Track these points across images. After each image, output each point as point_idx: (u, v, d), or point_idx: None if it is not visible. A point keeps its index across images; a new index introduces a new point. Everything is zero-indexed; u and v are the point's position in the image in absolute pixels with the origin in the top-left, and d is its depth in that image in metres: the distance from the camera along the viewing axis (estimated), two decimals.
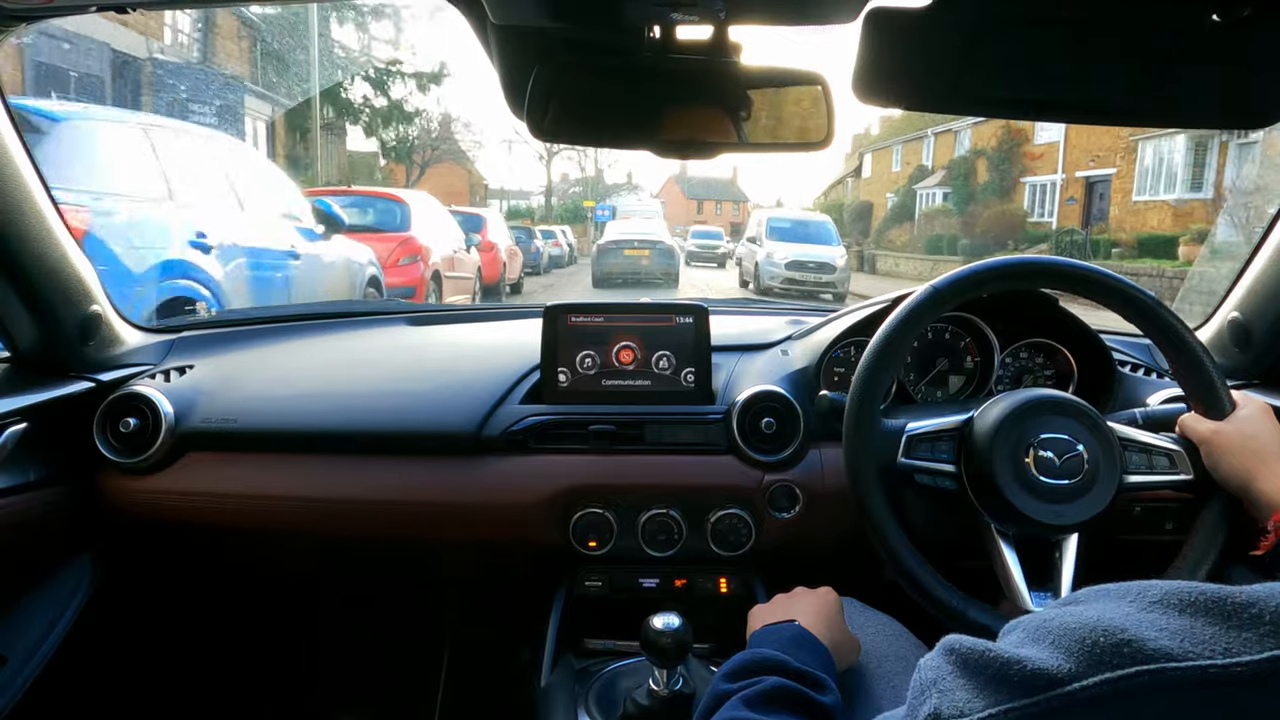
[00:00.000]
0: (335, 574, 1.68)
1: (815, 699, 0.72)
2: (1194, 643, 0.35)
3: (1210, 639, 0.35)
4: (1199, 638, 0.36)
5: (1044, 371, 1.36)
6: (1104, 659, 0.36)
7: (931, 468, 1.02)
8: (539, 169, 57.17)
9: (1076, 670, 0.36)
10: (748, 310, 1.82)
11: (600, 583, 1.31)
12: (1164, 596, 0.38)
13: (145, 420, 1.28)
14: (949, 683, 0.41)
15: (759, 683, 0.72)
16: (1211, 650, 0.35)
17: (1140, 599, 0.39)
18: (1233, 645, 0.35)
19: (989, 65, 0.76)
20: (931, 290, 1.04)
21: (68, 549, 1.31)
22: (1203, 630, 0.36)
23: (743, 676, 0.74)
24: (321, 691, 1.81)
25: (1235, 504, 0.94)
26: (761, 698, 0.71)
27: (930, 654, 0.44)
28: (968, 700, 0.39)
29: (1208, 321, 1.42)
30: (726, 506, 1.25)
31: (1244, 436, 0.93)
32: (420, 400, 1.32)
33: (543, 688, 1.22)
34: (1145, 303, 1.00)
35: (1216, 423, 0.96)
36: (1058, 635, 0.38)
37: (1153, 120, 0.88)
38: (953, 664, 0.41)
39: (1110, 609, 0.39)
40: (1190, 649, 0.35)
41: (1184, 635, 0.36)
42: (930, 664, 0.43)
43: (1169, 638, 0.36)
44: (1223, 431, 0.95)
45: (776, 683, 0.72)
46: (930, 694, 0.41)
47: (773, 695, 0.71)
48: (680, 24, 0.82)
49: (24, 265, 1.16)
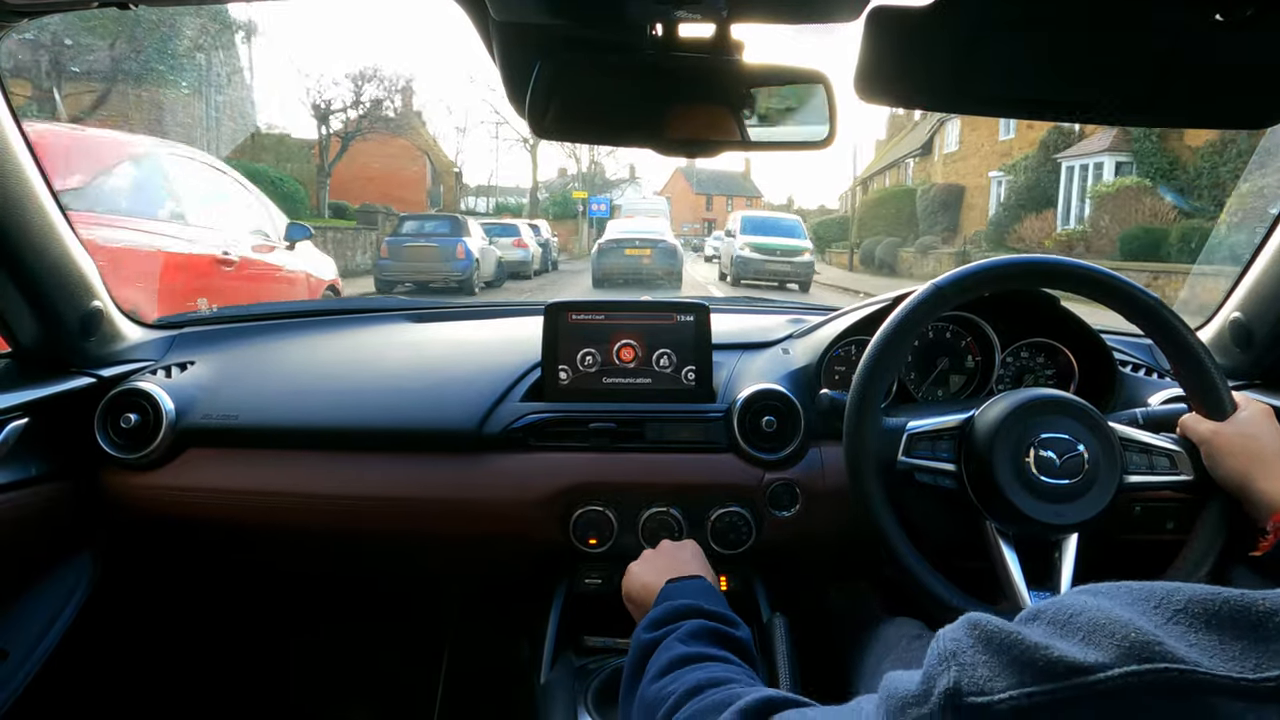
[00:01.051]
0: (335, 571, 1.68)
1: (732, 634, 0.79)
2: (1224, 658, 0.35)
3: (1240, 653, 0.35)
4: (1228, 653, 0.36)
5: (1045, 371, 1.36)
6: (1132, 652, 0.36)
7: (932, 466, 1.02)
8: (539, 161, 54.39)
9: (1103, 661, 0.36)
10: (749, 309, 1.82)
11: (600, 580, 1.31)
12: (1188, 605, 0.38)
13: (146, 416, 1.28)
14: (970, 657, 0.40)
15: (681, 626, 0.79)
16: (1242, 666, 0.35)
17: (1164, 607, 0.39)
18: (1263, 660, 0.35)
19: (991, 64, 0.76)
20: (934, 289, 1.04)
21: (69, 544, 1.31)
22: (1231, 645, 0.36)
23: (664, 624, 0.80)
24: (321, 688, 1.81)
25: (1235, 505, 0.94)
26: (689, 635, 0.77)
27: (951, 626, 0.43)
28: (989, 679, 0.38)
29: (1209, 321, 1.42)
30: (727, 505, 1.25)
31: (1244, 438, 0.93)
32: (421, 397, 1.32)
33: (542, 685, 1.22)
34: (1147, 304, 1.00)
35: (1217, 424, 0.96)
36: (1087, 630, 0.38)
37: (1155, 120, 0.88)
38: (975, 639, 0.41)
39: (1136, 614, 0.38)
40: (1220, 664, 0.35)
41: (1212, 650, 0.36)
42: (951, 635, 0.42)
43: (1199, 652, 0.36)
44: (1223, 432, 0.95)
45: (699, 623, 0.79)
46: (950, 666, 0.40)
47: (698, 633, 0.77)
48: (683, 22, 0.82)
49: (25, 260, 1.16)
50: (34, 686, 1.20)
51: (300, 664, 1.80)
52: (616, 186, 40.20)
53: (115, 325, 1.40)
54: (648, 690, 0.70)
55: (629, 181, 42.37)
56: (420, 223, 13.37)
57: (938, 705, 0.39)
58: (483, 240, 13.43)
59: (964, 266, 1.06)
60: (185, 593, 1.62)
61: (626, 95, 0.89)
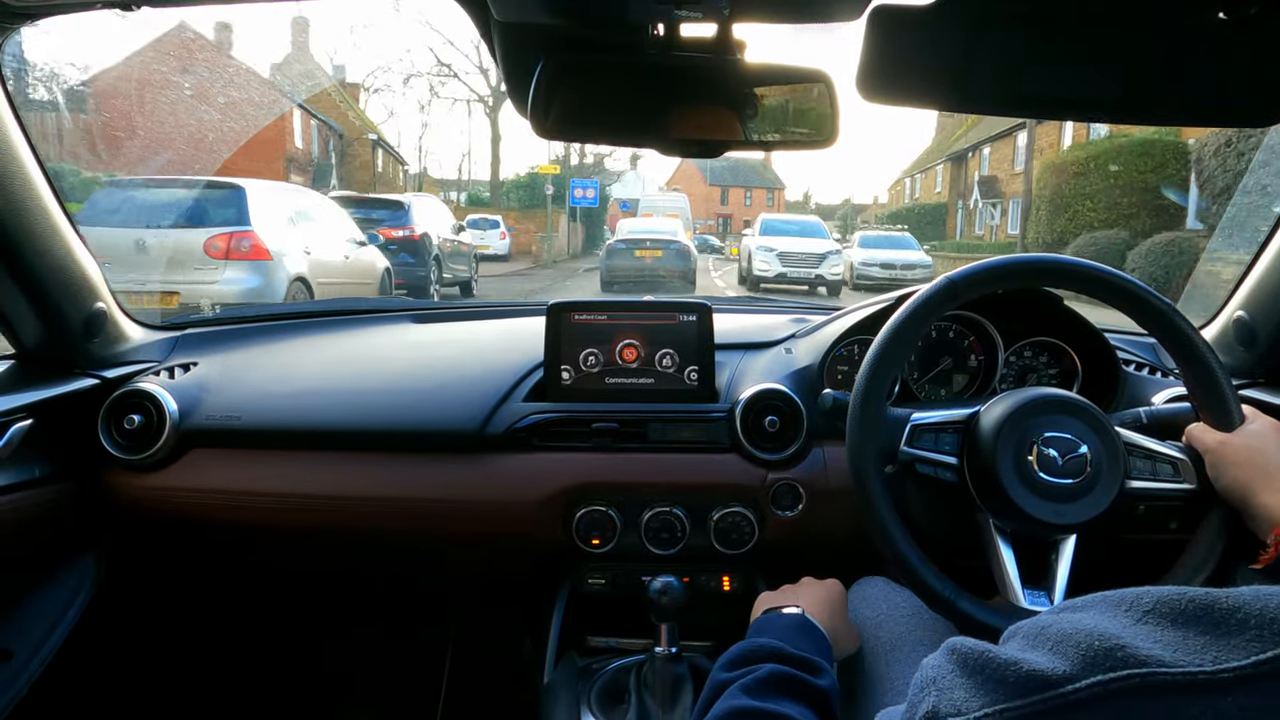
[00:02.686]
0: (338, 571, 1.68)
1: (810, 683, 0.74)
2: (1186, 652, 0.37)
3: (1201, 648, 0.37)
4: (1191, 647, 0.37)
5: (1048, 370, 1.36)
6: (1097, 662, 0.37)
7: (934, 458, 1.01)
8: (539, 148, 43.29)
9: (1070, 673, 0.38)
10: (751, 308, 1.82)
11: (603, 580, 1.32)
12: (1156, 605, 0.40)
13: (149, 417, 1.28)
14: (948, 681, 0.42)
15: (756, 670, 0.74)
16: (1201, 659, 0.36)
17: (1134, 609, 0.40)
18: (1221, 653, 0.36)
19: (993, 63, 0.76)
20: (947, 283, 1.03)
21: (73, 545, 1.31)
22: (1195, 640, 0.37)
23: (740, 665, 0.76)
24: (323, 687, 1.82)
25: (1235, 517, 0.94)
26: (758, 684, 0.72)
27: (934, 654, 0.45)
28: (965, 700, 0.40)
29: (1213, 320, 1.42)
30: (730, 504, 1.25)
31: (1250, 450, 0.93)
32: (423, 398, 1.32)
33: (545, 685, 1.22)
34: (1160, 309, 0.99)
35: (1224, 434, 0.96)
36: (1055, 641, 0.40)
37: (1159, 118, 0.87)
38: (954, 664, 0.43)
39: (1106, 619, 0.40)
40: (1182, 658, 0.37)
41: (1176, 645, 0.37)
42: (932, 663, 0.44)
43: (1162, 648, 0.37)
44: (1230, 443, 0.94)
45: (772, 669, 0.74)
46: (930, 692, 0.42)
47: (768, 682, 0.73)
48: (684, 21, 0.82)
49: (29, 262, 1.16)
50: (38, 687, 1.20)
51: (303, 664, 1.80)
52: (618, 178, 36.32)
53: (119, 326, 1.40)
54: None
55: (630, 173, 38.66)
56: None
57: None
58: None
59: (979, 262, 1.06)
60: (189, 593, 1.63)
61: (629, 95, 0.89)
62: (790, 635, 0.82)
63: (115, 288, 1.36)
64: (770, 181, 52.75)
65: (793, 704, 0.71)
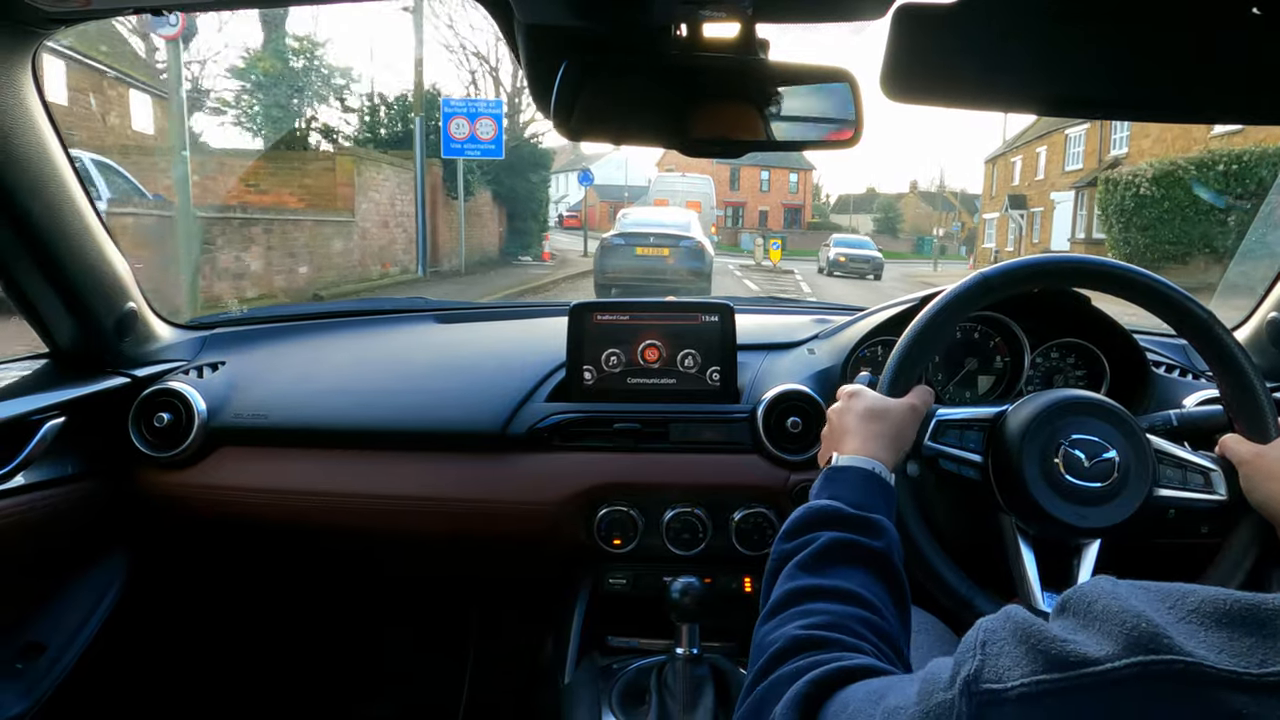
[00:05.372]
0: (362, 569, 1.70)
1: (868, 546, 0.72)
2: (1231, 653, 0.37)
3: (1247, 650, 0.37)
4: (1236, 649, 0.37)
5: (1075, 372, 1.34)
6: (1141, 643, 0.38)
7: (958, 455, 1.00)
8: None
9: (1112, 652, 0.38)
10: (774, 309, 1.81)
11: (624, 581, 1.32)
12: (1200, 605, 0.40)
13: (179, 415, 1.30)
14: (997, 648, 0.43)
15: (814, 540, 0.72)
16: (1247, 662, 0.36)
17: (1179, 606, 0.41)
18: (1268, 656, 0.36)
19: (1020, 61, 0.75)
20: (981, 278, 1.02)
21: (103, 541, 1.34)
22: (1240, 642, 0.37)
23: (800, 533, 0.75)
24: (346, 685, 1.83)
25: (1268, 530, 0.92)
26: (814, 559, 0.71)
27: (992, 615, 0.46)
28: (1009, 668, 0.41)
29: (1246, 321, 1.39)
30: (751, 505, 1.25)
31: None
32: (446, 398, 1.33)
33: (566, 685, 1.22)
34: (1200, 317, 0.97)
35: (1260, 446, 0.93)
36: (1103, 620, 0.41)
37: (1189, 116, 0.86)
38: (1008, 630, 0.44)
39: (1152, 608, 0.40)
40: (1226, 659, 0.37)
41: (1220, 646, 0.37)
42: (988, 625, 0.45)
43: (1206, 648, 0.37)
44: (1266, 455, 0.92)
45: (829, 540, 0.72)
46: (977, 653, 0.43)
47: (824, 553, 0.71)
48: (708, 21, 0.82)
49: (62, 263, 1.19)
50: (70, 680, 1.23)
51: (326, 660, 1.82)
52: (597, 160, 30.05)
53: (149, 326, 1.42)
54: (759, 631, 0.66)
55: (611, 153, 32.39)
56: None
57: (959, 691, 0.43)
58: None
59: (1016, 259, 1.04)
60: (216, 589, 1.65)
61: (651, 95, 0.89)
62: (850, 488, 0.81)
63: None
64: (796, 162, 40.86)
65: (851, 570, 0.70)
